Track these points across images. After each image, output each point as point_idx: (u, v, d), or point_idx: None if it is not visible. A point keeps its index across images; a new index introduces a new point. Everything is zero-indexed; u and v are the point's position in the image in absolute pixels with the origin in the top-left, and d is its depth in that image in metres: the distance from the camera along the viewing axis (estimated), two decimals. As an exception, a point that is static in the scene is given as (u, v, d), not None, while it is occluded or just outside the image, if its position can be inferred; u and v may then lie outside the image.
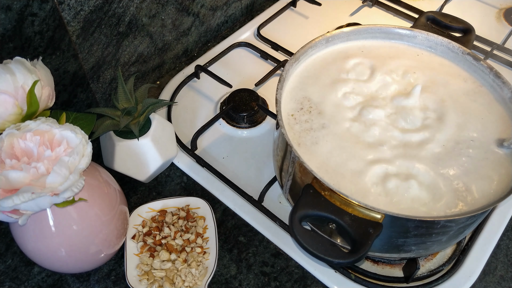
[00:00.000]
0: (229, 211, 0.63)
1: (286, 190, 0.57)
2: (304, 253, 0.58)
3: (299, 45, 0.61)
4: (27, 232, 0.48)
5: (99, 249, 0.52)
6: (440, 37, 0.62)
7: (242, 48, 0.85)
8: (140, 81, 0.77)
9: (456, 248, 0.59)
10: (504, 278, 0.58)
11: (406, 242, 0.50)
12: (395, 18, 0.92)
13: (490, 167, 0.52)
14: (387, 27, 0.63)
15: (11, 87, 0.45)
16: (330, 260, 0.45)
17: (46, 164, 0.42)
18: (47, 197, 0.41)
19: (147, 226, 0.59)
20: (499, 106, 0.57)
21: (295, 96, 0.58)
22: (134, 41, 0.70)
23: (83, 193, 0.48)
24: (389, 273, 0.58)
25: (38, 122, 0.44)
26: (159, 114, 0.72)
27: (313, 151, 0.52)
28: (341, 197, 0.46)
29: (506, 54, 0.83)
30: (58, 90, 0.62)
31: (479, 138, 0.54)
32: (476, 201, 0.49)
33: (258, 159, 0.69)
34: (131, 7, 0.65)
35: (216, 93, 0.77)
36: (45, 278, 0.56)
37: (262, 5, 0.94)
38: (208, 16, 0.82)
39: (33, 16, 0.53)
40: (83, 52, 0.62)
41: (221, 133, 0.72)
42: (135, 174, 0.63)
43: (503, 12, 0.94)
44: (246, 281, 0.57)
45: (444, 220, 0.47)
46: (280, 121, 0.51)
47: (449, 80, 0.60)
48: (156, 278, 0.55)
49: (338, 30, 0.63)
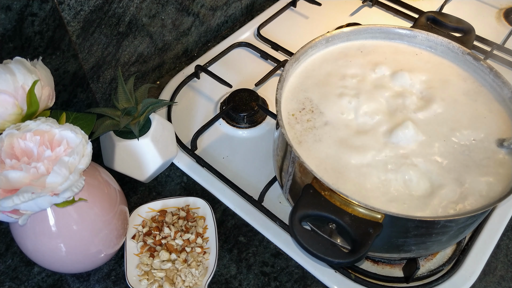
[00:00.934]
0: (229, 211, 0.63)
1: (286, 190, 0.57)
2: (304, 253, 0.58)
3: (299, 45, 0.61)
4: (27, 232, 0.48)
5: (99, 249, 0.52)
6: (440, 37, 0.62)
7: (242, 48, 0.85)
8: (140, 81, 0.77)
9: (456, 248, 0.59)
10: (504, 278, 0.58)
11: (406, 242, 0.50)
12: (395, 18, 0.92)
13: (490, 167, 0.52)
14: (387, 27, 0.63)
15: (11, 87, 0.45)
16: (330, 260, 0.45)
17: (46, 164, 0.42)
18: (47, 197, 0.41)
19: (147, 226, 0.59)
20: (499, 106, 0.57)
21: (296, 96, 0.58)
22: (134, 41, 0.70)
23: (83, 193, 0.48)
24: (389, 273, 0.58)
25: (38, 122, 0.44)
26: (159, 114, 0.72)
27: (315, 150, 0.52)
28: (341, 197, 0.46)
29: (506, 54, 0.83)
30: (58, 90, 0.62)
31: (479, 138, 0.54)
32: (476, 201, 0.49)
33: (258, 159, 0.69)
34: (131, 7, 0.65)
35: (216, 93, 0.77)
36: (45, 278, 0.56)
37: (262, 5, 0.94)
38: (208, 16, 0.82)
39: (33, 16, 0.53)
40: (83, 52, 0.62)
41: (221, 133, 0.72)
42: (135, 174, 0.63)
43: (503, 12, 0.94)
44: (246, 281, 0.57)
45: (444, 220, 0.47)
46: (280, 121, 0.51)
47: (449, 80, 0.60)
48: (156, 278, 0.55)
49: (338, 30, 0.63)
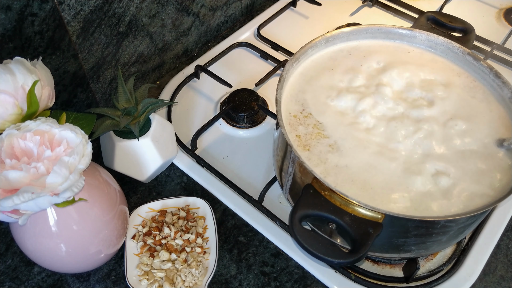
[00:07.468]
0: (229, 211, 0.63)
1: (286, 190, 0.57)
2: (304, 253, 0.58)
3: (299, 45, 0.61)
4: (27, 232, 0.48)
5: (99, 249, 0.52)
6: (440, 37, 0.62)
7: (242, 48, 0.85)
8: (140, 81, 0.76)
9: (456, 248, 0.59)
10: (504, 278, 0.58)
11: (406, 242, 0.50)
12: (395, 18, 0.92)
13: (490, 167, 0.52)
14: (387, 27, 0.63)
15: (11, 87, 0.45)
16: (330, 260, 0.45)
17: (46, 164, 0.42)
18: (47, 197, 0.41)
19: (147, 226, 0.59)
20: (499, 106, 0.57)
21: (296, 97, 0.58)
22: (134, 41, 0.70)
23: (83, 193, 0.48)
24: (389, 273, 0.58)
25: (38, 122, 0.44)
26: (159, 114, 0.72)
27: (317, 153, 0.52)
28: (341, 197, 0.46)
29: (506, 54, 0.83)
30: (58, 90, 0.62)
31: (479, 137, 0.54)
32: (476, 201, 0.49)
33: (258, 159, 0.69)
34: (131, 7, 0.65)
35: (216, 93, 0.77)
36: (45, 278, 0.56)
37: (262, 5, 0.94)
38: (208, 16, 0.82)
39: (33, 16, 0.53)
40: (83, 52, 0.62)
41: (221, 133, 0.72)
42: (135, 174, 0.63)
43: (503, 12, 0.94)
44: (246, 281, 0.57)
45: (444, 220, 0.47)
46: (280, 121, 0.51)
47: (448, 80, 0.60)
48: (156, 278, 0.55)
49: (338, 30, 0.63)
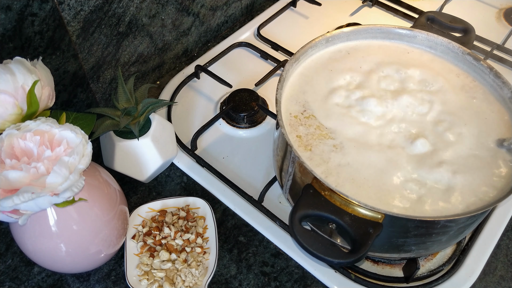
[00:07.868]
0: (229, 211, 0.63)
1: (286, 190, 0.57)
2: (304, 253, 0.58)
3: (299, 45, 0.61)
4: (27, 232, 0.48)
5: (99, 249, 0.52)
6: (440, 37, 0.62)
7: (242, 48, 0.85)
8: (140, 81, 0.76)
9: (456, 248, 0.59)
10: (504, 278, 0.58)
11: (406, 242, 0.50)
12: (395, 18, 0.92)
13: (490, 167, 0.52)
14: (387, 27, 0.63)
15: (11, 87, 0.45)
16: (330, 260, 0.45)
17: (46, 164, 0.42)
18: (47, 197, 0.41)
19: (147, 226, 0.59)
20: (499, 106, 0.57)
21: (296, 97, 0.58)
22: (134, 41, 0.70)
23: (83, 193, 0.48)
24: (389, 273, 0.58)
25: (38, 122, 0.44)
26: (159, 114, 0.72)
27: (319, 153, 0.52)
28: (341, 197, 0.46)
29: (506, 54, 0.83)
30: (58, 90, 0.62)
31: (479, 138, 0.54)
32: (476, 201, 0.49)
33: (258, 159, 0.69)
34: (131, 7, 0.65)
35: (216, 93, 0.77)
36: (45, 278, 0.56)
37: (262, 5, 0.94)
38: (208, 16, 0.82)
39: (33, 16, 0.53)
40: (83, 52, 0.62)
41: (221, 133, 0.72)
42: (135, 174, 0.63)
43: (503, 12, 0.94)
44: (246, 281, 0.57)
45: (444, 220, 0.47)
46: (280, 121, 0.51)
47: (448, 80, 0.60)
48: (156, 278, 0.55)
49: (338, 30, 0.63)
